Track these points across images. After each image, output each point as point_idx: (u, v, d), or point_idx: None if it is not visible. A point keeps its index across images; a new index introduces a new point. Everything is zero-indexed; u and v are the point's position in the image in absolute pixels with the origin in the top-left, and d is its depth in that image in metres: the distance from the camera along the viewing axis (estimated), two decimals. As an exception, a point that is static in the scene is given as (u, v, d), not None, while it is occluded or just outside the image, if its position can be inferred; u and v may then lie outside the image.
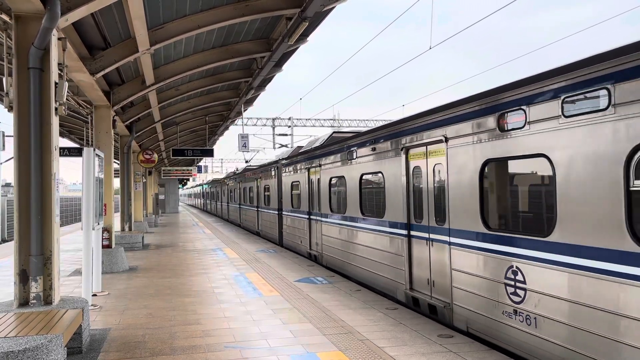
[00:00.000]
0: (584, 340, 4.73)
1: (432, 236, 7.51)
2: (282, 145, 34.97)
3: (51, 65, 5.79)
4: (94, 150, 7.79)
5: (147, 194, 28.72)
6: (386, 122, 9.50)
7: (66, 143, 23.23)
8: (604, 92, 4.53)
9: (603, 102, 4.54)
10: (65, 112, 6.11)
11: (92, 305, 8.05)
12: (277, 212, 18.13)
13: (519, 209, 5.92)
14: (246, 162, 31.11)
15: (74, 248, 16.92)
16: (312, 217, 13.75)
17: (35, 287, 5.70)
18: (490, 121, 6.07)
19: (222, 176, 47.96)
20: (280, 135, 35.98)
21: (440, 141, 7.12)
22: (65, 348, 4.85)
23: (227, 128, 22.49)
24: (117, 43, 9.27)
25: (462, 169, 6.67)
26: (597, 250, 4.63)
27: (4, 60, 5.93)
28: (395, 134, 8.54)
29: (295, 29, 8.83)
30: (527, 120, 5.48)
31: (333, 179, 11.82)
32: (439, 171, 7.30)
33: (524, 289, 5.55)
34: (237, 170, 33.43)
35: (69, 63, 8.23)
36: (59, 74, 6.15)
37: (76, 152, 19.61)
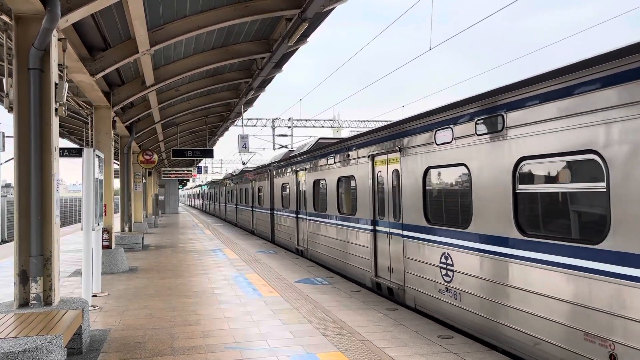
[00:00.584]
0: (490, 308, 6.15)
1: (391, 230, 8.87)
2: (282, 146, 34.98)
3: (51, 66, 5.80)
4: (94, 150, 7.80)
5: (147, 194, 28.72)
6: (358, 133, 11.02)
7: (66, 144, 23.25)
8: (500, 117, 5.99)
9: (500, 125, 6.00)
10: (65, 113, 6.11)
11: (92, 305, 8.06)
12: (269, 212, 19.43)
13: (449, 207, 7.26)
14: (243, 164, 31.68)
15: (74, 249, 16.92)
16: (299, 215, 15.11)
17: (35, 288, 5.70)
18: (430, 136, 7.49)
19: (220, 177, 48.36)
20: (280, 136, 35.98)
21: (396, 151, 8.53)
22: (65, 349, 4.85)
23: (227, 129, 22.50)
24: (117, 44, 9.28)
25: (410, 174, 8.09)
26: (496, 238, 6.05)
27: (4, 61, 5.94)
28: (365, 144, 9.92)
29: (295, 29, 8.83)
30: (454, 136, 6.90)
31: (316, 182, 13.24)
32: (396, 176, 8.66)
33: (452, 271, 6.96)
34: (234, 172, 34.78)
35: (69, 64, 8.24)
36: (59, 74, 6.16)
37: (76, 153, 19.61)
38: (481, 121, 6.35)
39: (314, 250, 13.52)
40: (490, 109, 6.17)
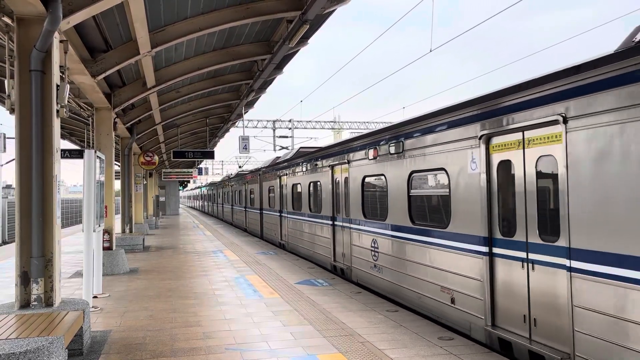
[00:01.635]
0: (397, 276, 8.65)
1: (343, 224, 11.33)
2: (283, 148, 35.00)
3: (53, 67, 5.81)
4: (95, 152, 7.81)
5: (148, 195, 28.74)
6: (323, 146, 13.68)
7: (67, 145, 23.27)
8: (401, 143, 8.44)
9: (401, 148, 8.48)
10: (66, 114, 6.13)
11: (92, 307, 8.06)
12: (259, 211, 21.95)
13: (377, 205, 9.64)
14: (239, 167, 32.61)
15: (75, 250, 16.94)
16: (282, 214, 17.46)
17: (36, 289, 5.71)
18: (365, 153, 9.94)
19: (218, 179, 48.97)
20: (280, 137, 35.99)
21: (346, 162, 10.94)
22: (66, 350, 4.86)
23: (227, 130, 22.51)
24: (118, 45, 9.29)
25: (354, 181, 10.50)
26: (400, 227, 8.56)
27: (6, 62, 5.94)
28: (327, 155, 12.36)
29: (296, 31, 8.85)
30: (378, 154, 9.33)
31: (294, 185, 15.65)
32: (345, 182, 11.07)
33: (378, 252, 9.48)
34: (230, 175, 36.34)
35: (70, 65, 8.25)
36: (60, 76, 6.17)
37: (77, 154, 19.62)
38: (392, 144, 8.76)
39: (293, 244, 15.92)
40: (397, 137, 8.61)
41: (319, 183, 12.93)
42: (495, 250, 6.22)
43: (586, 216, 4.82)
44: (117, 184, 16.71)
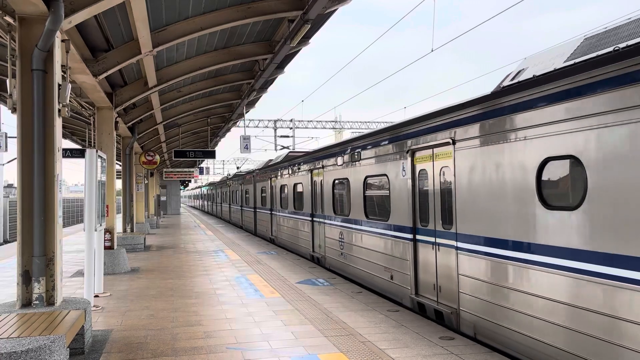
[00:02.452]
0: (354, 260, 10.60)
1: (319, 220, 13.26)
2: (284, 147, 35.00)
3: (54, 67, 5.82)
4: (97, 151, 7.82)
5: (149, 195, 28.75)
6: (306, 152, 15.90)
7: (68, 144, 23.29)
8: (359, 153, 10.25)
9: (359, 157, 10.26)
10: (68, 114, 6.13)
11: (94, 306, 8.07)
12: (253, 210, 24.02)
13: (342, 203, 11.41)
14: (237, 168, 33.88)
15: (76, 249, 16.96)
16: (272, 212, 19.42)
17: (38, 288, 5.71)
18: (335, 160, 11.80)
19: (217, 180, 49.74)
20: (282, 137, 35.99)
21: (322, 167, 12.82)
22: (68, 349, 4.87)
23: (228, 130, 22.52)
24: (119, 45, 9.30)
25: (327, 183, 12.36)
26: (358, 221, 10.34)
27: (8, 62, 5.95)
28: (307, 161, 14.30)
29: (298, 31, 8.85)
30: (344, 161, 11.18)
31: (282, 186, 17.42)
32: (322, 183, 12.89)
33: (343, 242, 11.28)
34: (228, 175, 38.71)
35: (72, 65, 8.25)
36: (62, 75, 6.18)
37: (78, 154, 19.65)
38: (353, 154, 10.58)
39: (281, 238, 17.96)
40: (356, 148, 10.45)
41: (301, 185, 14.97)
42: (418, 237, 8.08)
43: (464, 210, 6.69)
44: (118, 184, 16.72)
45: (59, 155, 5.90)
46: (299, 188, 15.12)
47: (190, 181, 57.63)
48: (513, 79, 6.18)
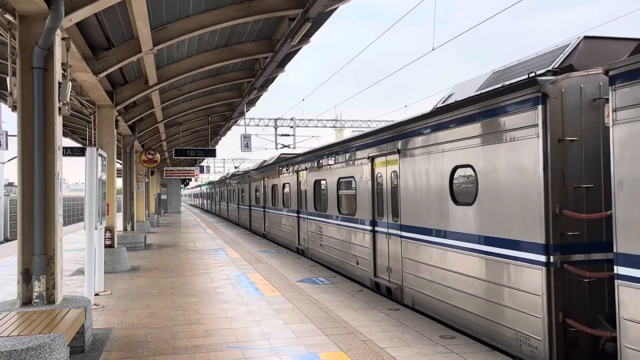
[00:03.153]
0: (327, 249, 12.42)
1: (302, 216, 15.00)
2: (284, 146, 34.97)
3: (55, 65, 5.81)
4: (97, 150, 7.81)
5: (149, 193, 28.75)
6: (295, 154, 17.43)
7: (69, 143, 23.27)
8: (334, 157, 11.74)
9: (333, 162, 11.87)
10: (68, 112, 6.13)
11: (94, 304, 8.07)
12: (248, 208, 25.67)
13: (321, 201, 13.11)
14: (235, 168, 35.24)
15: (77, 248, 16.96)
16: (265, 210, 20.87)
17: (38, 286, 5.71)
18: (315, 163, 13.43)
19: (216, 179, 50.80)
20: (282, 135, 35.95)
21: (305, 169, 14.42)
22: (68, 347, 4.86)
23: (229, 128, 22.51)
24: (120, 43, 9.29)
25: (310, 183, 13.97)
26: (333, 216, 11.85)
27: (8, 60, 5.95)
28: (294, 163, 15.92)
29: (298, 29, 8.84)
30: (322, 165, 12.75)
31: (274, 185, 19.03)
32: (306, 184, 14.48)
33: (322, 235, 12.91)
34: (226, 175, 40.38)
35: (72, 63, 8.24)
36: (62, 73, 6.17)
37: (79, 152, 19.65)
38: (329, 158, 12.31)
39: (272, 233, 19.52)
40: (331, 153, 12.16)
41: (289, 184, 16.56)
42: (376, 228, 9.65)
43: (406, 206, 8.34)
44: (118, 182, 16.71)
45: (59, 153, 5.90)
46: (287, 187, 16.80)
47: (190, 180, 57.67)
48: (444, 102, 7.83)
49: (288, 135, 36.07)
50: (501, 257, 5.99)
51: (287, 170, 16.79)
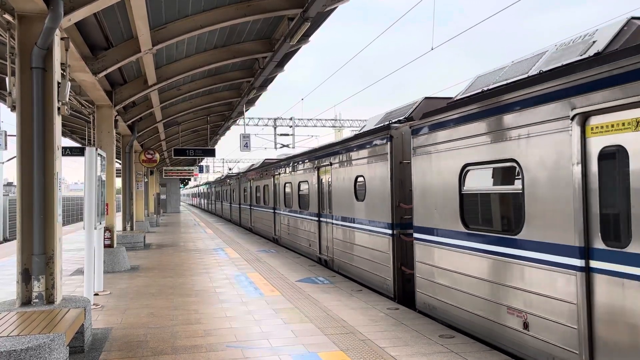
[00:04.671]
0: (296, 239, 15.49)
1: (278, 212, 18.10)
2: (284, 146, 34.96)
3: (54, 65, 5.80)
4: (96, 149, 7.81)
5: (149, 193, 28.74)
6: (273, 160, 21.88)
7: (68, 143, 23.25)
8: (297, 164, 15.42)
9: (296, 168, 15.47)
10: (67, 112, 6.12)
11: (94, 304, 8.07)
12: (238, 206, 29.19)
13: (290, 199, 15.91)
14: (229, 169, 38.11)
15: (76, 247, 16.95)
16: (251, 207, 24.19)
17: (38, 286, 5.71)
18: (285, 169, 16.57)
19: (214, 179, 52.42)
20: (282, 135, 35.93)
21: (279, 174, 17.59)
22: (68, 347, 4.86)
23: (228, 128, 22.50)
24: (119, 43, 9.29)
25: (281, 184, 17.25)
26: (297, 211, 15.19)
27: (7, 60, 5.94)
28: (272, 169, 19.00)
29: (297, 29, 8.84)
30: (289, 170, 16.12)
31: (257, 186, 22.47)
32: (283, 185, 17.25)
33: (289, 226, 16.17)
34: (221, 176, 44.49)
35: (72, 63, 8.24)
36: (61, 73, 6.17)
37: (78, 152, 19.63)
38: (294, 165, 15.53)
39: (257, 227, 22.73)
40: (295, 162, 15.39)
41: (268, 185, 19.99)
42: (320, 219, 12.91)
43: (334, 201, 11.63)
44: (118, 182, 16.71)
45: (58, 153, 5.90)
46: (267, 188, 20.22)
47: (190, 179, 57.68)
48: (360, 131, 11.51)
49: (287, 135, 36.04)
50: (375, 233, 9.42)
51: (266, 173, 20.10)
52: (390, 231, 8.81)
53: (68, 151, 19.36)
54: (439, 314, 7.17)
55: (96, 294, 8.83)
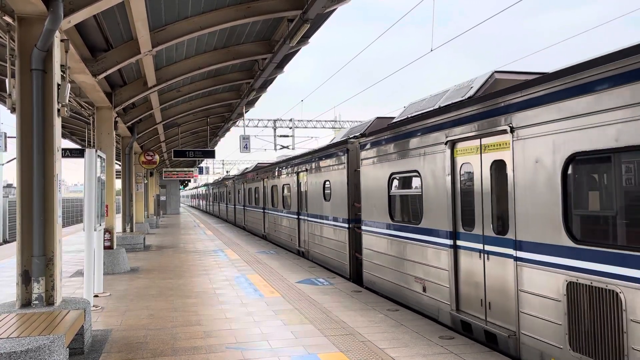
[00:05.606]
0: (279, 234, 18.22)
1: (266, 211, 20.27)
2: (283, 147, 34.98)
3: (54, 66, 5.81)
4: (96, 151, 7.81)
5: (149, 195, 28.73)
6: (263, 165, 23.51)
7: (68, 144, 23.26)
8: (278, 171, 18.37)
9: (279, 174, 18.08)
10: (67, 114, 6.13)
11: (93, 306, 8.07)
12: (233, 206, 31.77)
13: (275, 200, 18.75)
14: (227, 172, 40.32)
15: (76, 249, 16.95)
16: (245, 207, 26.54)
17: (38, 288, 5.71)
18: (271, 173, 19.31)
19: (214, 180, 53.69)
20: (281, 136, 35.94)
21: (266, 177, 20.09)
22: (67, 349, 4.87)
23: (228, 129, 22.51)
24: (119, 45, 9.29)
25: (268, 187, 19.83)
26: (279, 210, 18.08)
27: (7, 61, 5.95)
28: (261, 173, 21.19)
29: (297, 30, 8.84)
30: (274, 175, 18.84)
31: (249, 189, 24.85)
32: (270, 188, 19.41)
33: (274, 223, 19.02)
34: (218, 179, 46.54)
35: (71, 64, 8.24)
36: (61, 75, 6.17)
37: (78, 153, 19.63)
38: (277, 171, 18.07)
39: (249, 225, 25.08)
40: (280, 167, 17.75)
41: (258, 188, 22.31)
42: (300, 217, 15.13)
43: (309, 201, 14.01)
44: (117, 183, 16.71)
45: (58, 155, 5.90)
46: (257, 190, 22.48)
47: (189, 181, 57.68)
48: (329, 142, 13.43)
49: (287, 136, 36.05)
50: (337, 227, 11.69)
51: (257, 177, 22.41)
52: (347, 225, 11.12)
53: (68, 153, 19.36)
54: (377, 287, 9.40)
55: (96, 296, 8.83)
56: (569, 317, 4.84)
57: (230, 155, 73.73)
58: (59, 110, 5.93)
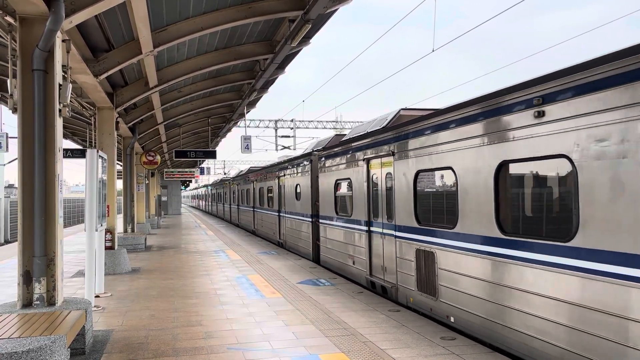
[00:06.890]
0: (266, 229, 21.31)
1: (257, 210, 23.13)
2: (285, 147, 34.98)
3: (55, 67, 5.81)
4: (97, 151, 7.81)
5: (150, 195, 28.74)
6: (255, 169, 25.78)
7: (69, 144, 23.29)
8: (266, 175, 21.60)
9: (266, 177, 21.63)
10: (68, 114, 6.13)
11: (95, 306, 8.06)
12: (229, 206, 34.69)
13: (263, 200, 21.68)
14: (224, 174, 42.88)
15: (77, 249, 16.96)
16: (239, 207, 29.43)
17: (39, 288, 5.71)
18: (261, 175, 22.35)
19: (213, 180, 54.97)
20: (282, 137, 35.94)
21: (255, 181, 23.45)
22: (69, 349, 4.86)
23: (229, 130, 22.52)
24: (120, 45, 9.30)
25: (257, 188, 22.96)
26: (267, 209, 20.98)
27: (9, 62, 5.95)
28: (252, 176, 24.07)
29: (298, 31, 8.84)
30: (264, 177, 21.68)
31: (242, 190, 27.83)
32: (259, 189, 22.55)
33: (262, 220, 21.98)
34: (217, 180, 48.89)
35: (73, 65, 8.24)
36: (62, 75, 6.17)
37: (79, 154, 19.66)
38: (265, 174, 21.27)
39: (242, 223, 27.82)
40: (268, 171, 20.77)
41: (249, 189, 24.97)
42: (280, 214, 18.03)
43: (287, 201, 17.03)
44: (119, 184, 16.71)
45: (59, 155, 5.90)
46: (249, 192, 25.22)
47: (191, 181, 57.72)
48: (303, 152, 15.73)
49: (288, 136, 36.05)
50: (304, 220, 14.57)
51: (249, 179, 25.09)
52: (310, 219, 14.14)
53: (69, 153, 19.40)
54: (328, 265, 12.32)
55: (97, 296, 8.83)
56: (416, 270, 7.79)
57: (231, 156, 73.89)
58: (60, 110, 5.93)
